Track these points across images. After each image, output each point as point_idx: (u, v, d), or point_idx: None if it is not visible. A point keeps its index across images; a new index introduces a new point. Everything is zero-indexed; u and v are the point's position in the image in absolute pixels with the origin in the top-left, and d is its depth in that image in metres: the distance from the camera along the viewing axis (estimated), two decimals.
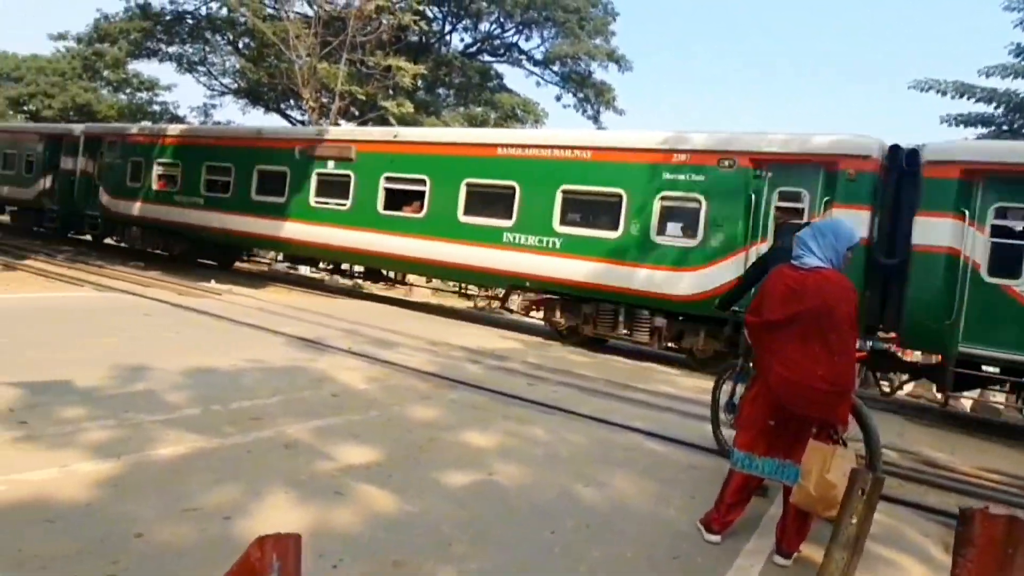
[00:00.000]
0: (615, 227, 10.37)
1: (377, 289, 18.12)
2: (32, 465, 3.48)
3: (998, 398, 12.39)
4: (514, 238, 11.18)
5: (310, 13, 25.63)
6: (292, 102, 30.20)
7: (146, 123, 29.58)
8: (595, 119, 32.11)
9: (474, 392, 6.37)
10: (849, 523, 2.86)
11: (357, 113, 26.67)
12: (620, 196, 10.34)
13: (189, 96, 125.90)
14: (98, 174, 17.95)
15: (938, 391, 8.92)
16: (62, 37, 33.74)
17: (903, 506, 4.66)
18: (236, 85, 32.94)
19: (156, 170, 16.82)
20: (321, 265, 16.81)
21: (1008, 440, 8.07)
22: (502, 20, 31.34)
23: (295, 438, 4.39)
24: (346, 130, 15.53)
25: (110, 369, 5.51)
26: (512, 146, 11.63)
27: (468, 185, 11.87)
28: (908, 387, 13.01)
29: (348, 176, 13.37)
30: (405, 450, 4.43)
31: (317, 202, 13.82)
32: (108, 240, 19.37)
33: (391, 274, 16.15)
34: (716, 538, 3.60)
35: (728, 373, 5.06)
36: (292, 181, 14.19)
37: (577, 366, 8.71)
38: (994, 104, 18.47)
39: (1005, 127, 18.51)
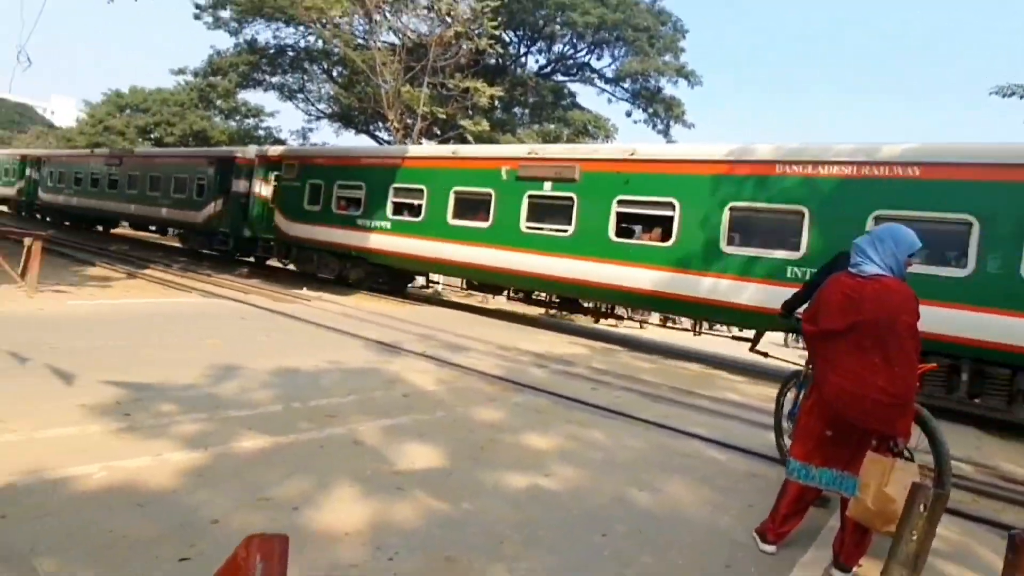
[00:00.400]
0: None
1: (456, 296, 18.31)
2: (130, 453, 3.69)
3: None
4: (802, 273, 8.69)
5: (396, 42, 26.40)
6: (380, 124, 31.14)
7: (328, 144, 29.24)
8: (665, 133, 31.55)
9: (538, 395, 6.32)
10: (909, 539, 2.63)
11: (438, 132, 27.22)
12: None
13: (290, 121, 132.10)
14: (273, 197, 17.04)
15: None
16: (181, 72, 36.22)
17: (976, 522, 4.27)
18: (330, 110, 34.31)
19: (337, 193, 15.44)
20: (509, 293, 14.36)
21: None
22: (574, 41, 31.28)
23: (364, 436, 4.47)
24: (567, 148, 12.95)
25: (207, 368, 5.80)
26: (800, 163, 9.17)
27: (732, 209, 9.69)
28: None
29: (570, 199, 11.34)
30: (466, 450, 4.42)
31: (528, 227, 11.87)
32: (273, 262, 18.78)
33: (604, 308, 13.26)
34: (771, 548, 3.40)
35: (793, 381, 4.80)
36: (497, 204, 12.30)
37: (641, 372, 8.51)
38: None
39: None
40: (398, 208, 14.06)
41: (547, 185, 11.62)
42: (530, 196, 11.85)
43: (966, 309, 7.78)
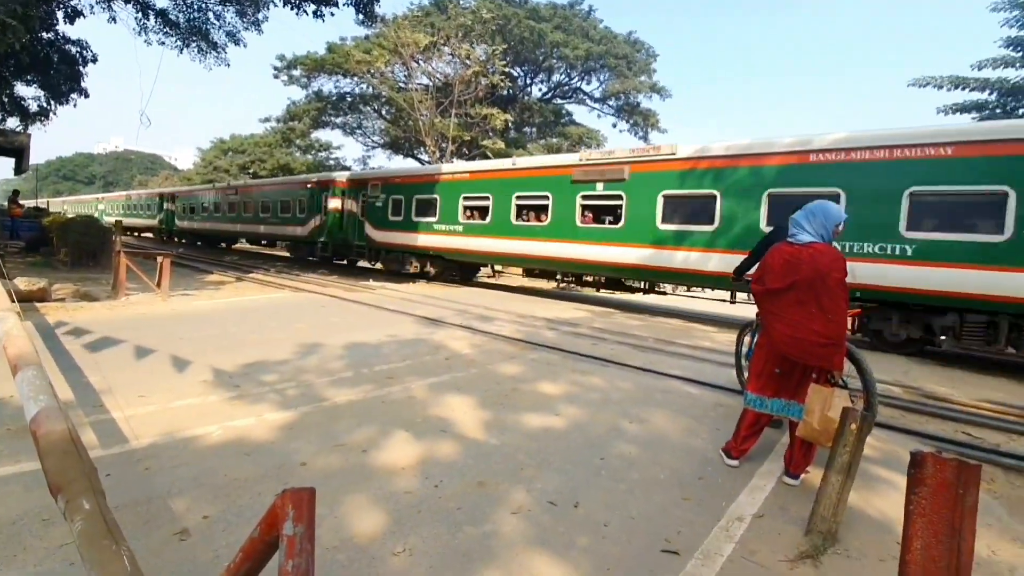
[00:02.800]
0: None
1: (484, 278, 18.18)
2: (239, 415, 3.75)
3: None
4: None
5: (428, 83, 26.16)
6: (421, 148, 31.03)
7: (404, 166, 27.36)
8: (644, 139, 30.86)
9: (549, 352, 6.26)
10: (843, 452, 2.56)
11: (466, 152, 27.01)
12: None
13: (352, 151, 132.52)
14: (362, 211, 16.77)
15: (854, 331, 7.80)
16: (267, 120, 36.35)
17: (903, 433, 4.14)
18: (382, 140, 34.23)
19: (416, 204, 14.95)
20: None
21: (1007, 374, 7.02)
22: (568, 71, 30.62)
23: (416, 392, 4.47)
24: (613, 153, 11.12)
25: (296, 346, 5.86)
26: (834, 151, 8.14)
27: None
28: None
29: (620, 196, 10.58)
30: (494, 398, 4.40)
31: (582, 222, 11.26)
32: (364, 263, 18.28)
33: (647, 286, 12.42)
34: (735, 463, 3.34)
35: (748, 328, 4.67)
36: (554, 205, 11.63)
37: (632, 328, 8.39)
38: (987, 91, 16.02)
39: (998, 110, 16.02)
40: (468, 213, 13.63)
41: (599, 186, 10.98)
42: (583, 196, 11.19)
43: (1006, 271, 6.83)
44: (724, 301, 11.80)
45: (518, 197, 12.42)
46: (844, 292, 2.93)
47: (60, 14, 14.32)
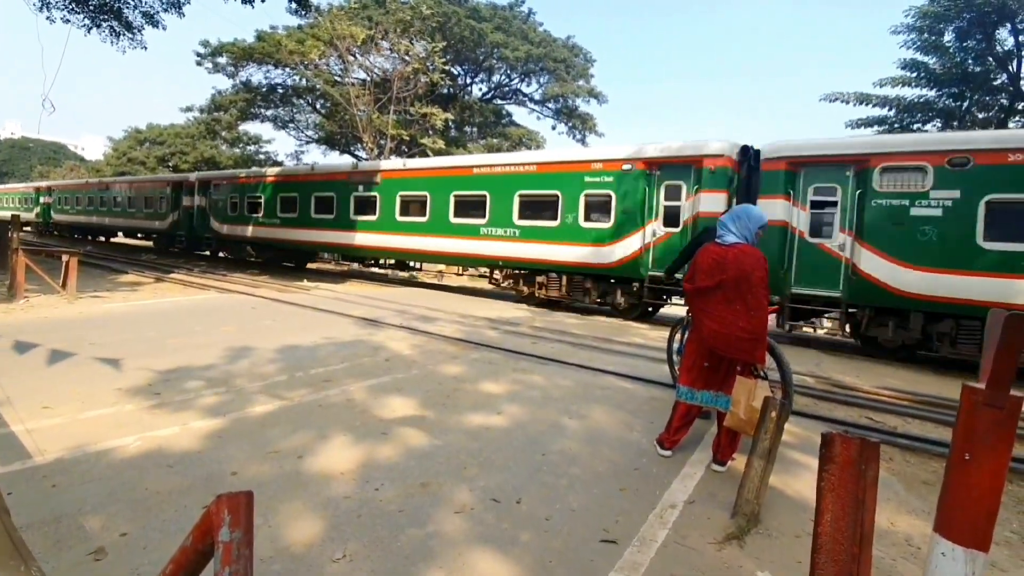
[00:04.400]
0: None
1: (426, 277, 18.06)
2: (160, 425, 3.51)
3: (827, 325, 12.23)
4: None
5: (365, 77, 25.49)
6: (358, 144, 30.18)
7: (242, 170, 24.78)
8: (582, 142, 31.58)
9: (491, 351, 6.29)
10: (764, 438, 2.75)
11: (406, 150, 26.56)
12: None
13: (284, 146, 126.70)
14: (209, 207, 19.00)
15: (778, 325, 8.59)
16: (189, 109, 34.05)
17: (816, 420, 4.50)
18: (316, 136, 33.00)
19: (246, 202, 17.59)
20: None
21: (905, 364, 7.79)
22: (508, 72, 30.82)
23: (355, 394, 4.37)
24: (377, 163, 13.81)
25: (224, 350, 5.55)
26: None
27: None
28: (827, 326, 12.66)
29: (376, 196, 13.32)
30: (436, 399, 4.38)
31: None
32: (221, 254, 20.43)
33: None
34: (668, 453, 3.51)
35: (679, 325, 4.92)
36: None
37: (571, 327, 8.58)
38: (887, 108, 17.68)
39: (896, 125, 17.72)
40: (283, 208, 16.34)
41: (361, 188, 13.96)
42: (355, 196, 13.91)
43: None
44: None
45: (315, 196, 15.43)
46: (766, 290, 3.14)
47: None
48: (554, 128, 32.60)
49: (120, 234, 27.98)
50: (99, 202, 25.48)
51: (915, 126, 17.65)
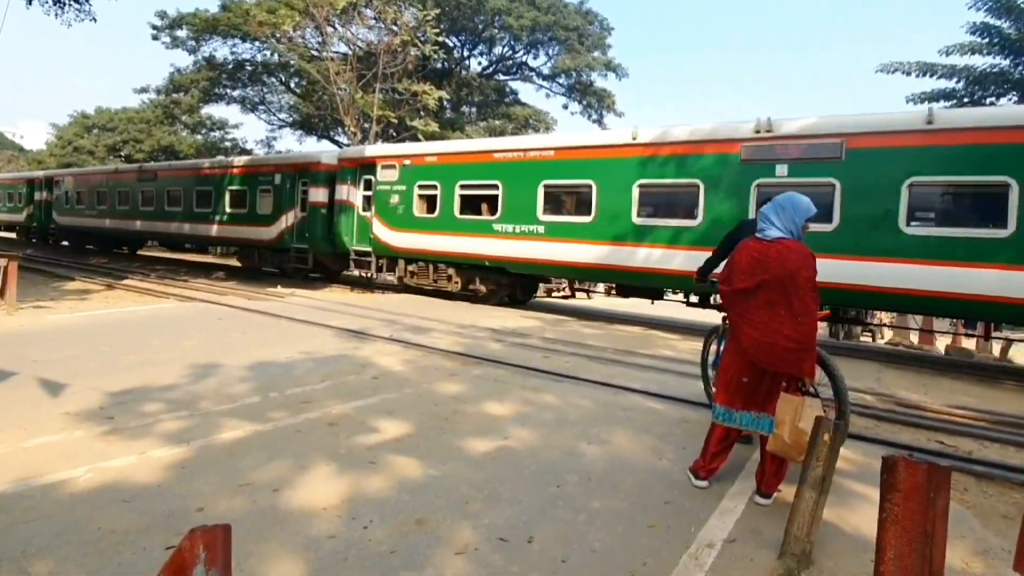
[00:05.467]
0: None
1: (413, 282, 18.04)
2: (115, 454, 3.54)
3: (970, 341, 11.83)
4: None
5: (347, 51, 25.67)
6: (339, 129, 30.37)
7: (76, 168, 32.88)
8: (599, 122, 31.64)
9: (496, 367, 6.31)
10: (816, 465, 2.74)
11: (393, 134, 26.71)
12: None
13: (254, 132, 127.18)
14: (54, 200, 25.44)
15: (830, 335, 8.32)
16: (144, 90, 34.32)
17: (877, 444, 4.47)
18: (291, 119, 33.27)
19: (91, 194, 23.26)
20: None
21: (978, 379, 7.74)
22: (512, 43, 30.97)
23: (338, 417, 4.39)
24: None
25: (187, 368, 5.60)
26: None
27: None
28: (888, 335, 12.61)
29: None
30: (432, 422, 4.39)
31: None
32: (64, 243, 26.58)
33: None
34: (704, 483, 3.50)
35: (714, 335, 4.91)
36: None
37: (587, 337, 8.59)
38: (955, 79, 17.63)
39: (966, 99, 17.65)
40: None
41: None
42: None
43: None
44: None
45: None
46: (814, 292, 3.14)
47: None
48: (566, 107, 32.49)
49: None
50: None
51: (988, 99, 17.59)
